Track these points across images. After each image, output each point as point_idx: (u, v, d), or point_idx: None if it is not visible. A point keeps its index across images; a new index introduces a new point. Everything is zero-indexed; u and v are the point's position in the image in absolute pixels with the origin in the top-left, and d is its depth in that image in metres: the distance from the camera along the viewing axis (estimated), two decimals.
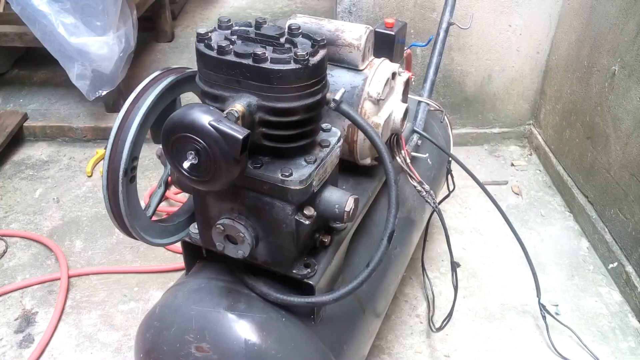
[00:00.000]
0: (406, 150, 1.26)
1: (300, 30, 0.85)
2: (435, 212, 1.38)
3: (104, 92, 2.31)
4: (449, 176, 1.63)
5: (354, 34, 1.07)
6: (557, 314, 1.71)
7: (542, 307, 1.63)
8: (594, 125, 2.01)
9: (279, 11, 3.83)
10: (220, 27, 0.85)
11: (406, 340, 1.64)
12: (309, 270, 0.94)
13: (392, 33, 1.27)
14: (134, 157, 0.84)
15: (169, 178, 1.00)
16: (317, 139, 0.92)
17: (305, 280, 0.94)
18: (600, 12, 1.95)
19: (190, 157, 0.75)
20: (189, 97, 0.98)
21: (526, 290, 1.77)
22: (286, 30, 0.85)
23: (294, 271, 0.94)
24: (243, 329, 0.92)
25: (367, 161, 1.18)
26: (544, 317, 1.64)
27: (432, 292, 1.77)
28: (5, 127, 2.39)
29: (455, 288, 1.50)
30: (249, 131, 0.73)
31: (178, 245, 1.06)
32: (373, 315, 1.22)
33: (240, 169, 0.78)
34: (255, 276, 0.98)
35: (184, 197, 2.06)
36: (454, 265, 1.53)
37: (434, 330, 1.63)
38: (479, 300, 1.78)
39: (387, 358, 1.58)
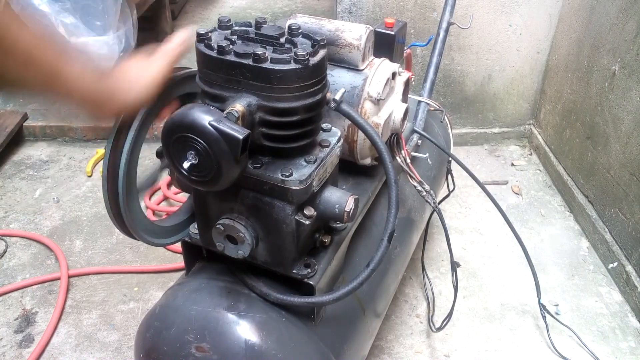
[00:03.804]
0: (406, 150, 1.26)
1: (300, 30, 0.85)
2: (435, 212, 1.38)
3: None
4: (449, 176, 1.63)
5: (354, 34, 1.07)
6: (557, 313, 1.71)
7: (542, 307, 1.63)
8: (594, 125, 2.01)
9: (279, 11, 3.83)
10: (220, 27, 0.85)
11: (406, 340, 1.64)
12: (309, 270, 0.94)
13: (392, 33, 1.27)
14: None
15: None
16: (317, 139, 0.91)
17: (305, 280, 0.94)
18: (600, 12, 1.95)
19: (190, 157, 0.74)
20: None
21: (526, 290, 1.77)
22: (286, 30, 0.84)
23: (294, 271, 0.94)
24: (243, 329, 0.92)
25: (367, 161, 1.18)
26: (544, 317, 1.64)
27: (432, 292, 1.77)
28: (5, 127, 2.39)
29: (455, 288, 1.50)
30: (249, 131, 0.73)
31: (178, 245, 1.05)
32: (373, 315, 1.22)
33: (241, 169, 0.78)
34: (256, 276, 0.98)
35: (184, 197, 2.06)
36: (454, 265, 1.53)
37: (434, 330, 1.63)
38: (479, 300, 1.78)
39: (387, 358, 1.58)
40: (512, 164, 2.45)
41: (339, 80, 1.09)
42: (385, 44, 1.26)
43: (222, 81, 0.80)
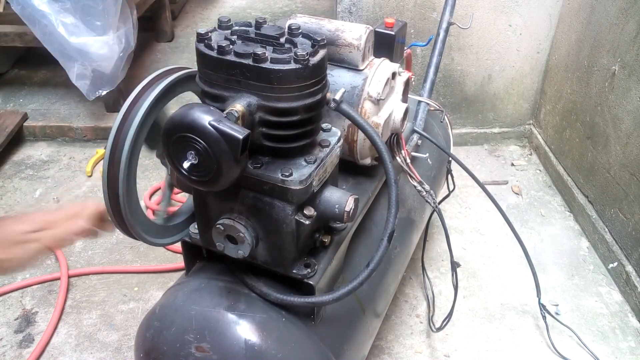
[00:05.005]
0: (406, 150, 1.26)
1: (300, 30, 0.85)
2: (435, 212, 1.38)
3: (104, 92, 2.31)
4: (449, 176, 1.63)
5: (354, 33, 1.07)
6: (557, 313, 1.71)
7: (542, 307, 1.63)
8: (594, 125, 2.01)
9: (279, 11, 3.83)
10: (220, 27, 0.85)
11: (406, 340, 1.64)
12: (309, 270, 0.94)
13: (392, 33, 1.27)
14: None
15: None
16: (317, 139, 0.92)
17: (305, 280, 0.94)
18: (600, 12, 1.95)
19: (190, 157, 0.75)
20: (188, 97, 0.98)
21: (526, 290, 1.77)
22: (286, 30, 0.84)
23: (294, 271, 0.94)
24: (243, 329, 0.92)
25: (367, 161, 1.18)
26: (544, 317, 1.64)
27: (432, 292, 1.77)
28: (5, 127, 2.39)
29: (455, 288, 1.50)
30: (249, 131, 0.73)
31: (178, 245, 1.05)
32: (373, 315, 1.22)
33: (240, 169, 0.78)
34: (256, 276, 0.98)
35: (184, 197, 2.06)
36: (454, 265, 1.53)
37: (434, 330, 1.63)
38: (479, 300, 1.78)
39: (387, 358, 1.58)
40: (512, 164, 2.45)
41: (339, 80, 1.09)
42: (385, 44, 1.26)
43: (222, 81, 0.80)
